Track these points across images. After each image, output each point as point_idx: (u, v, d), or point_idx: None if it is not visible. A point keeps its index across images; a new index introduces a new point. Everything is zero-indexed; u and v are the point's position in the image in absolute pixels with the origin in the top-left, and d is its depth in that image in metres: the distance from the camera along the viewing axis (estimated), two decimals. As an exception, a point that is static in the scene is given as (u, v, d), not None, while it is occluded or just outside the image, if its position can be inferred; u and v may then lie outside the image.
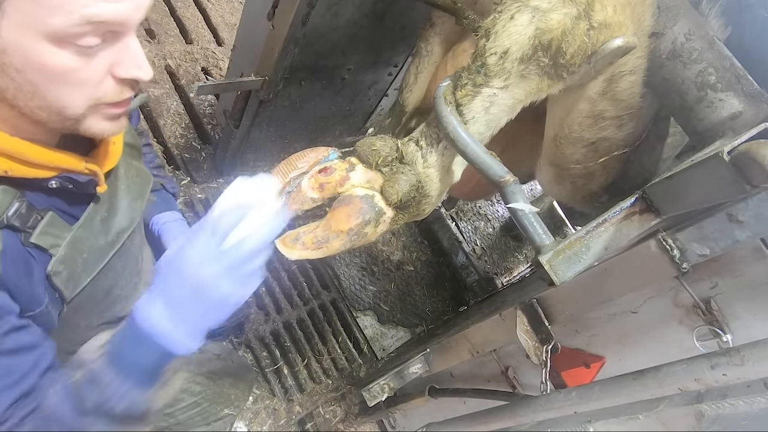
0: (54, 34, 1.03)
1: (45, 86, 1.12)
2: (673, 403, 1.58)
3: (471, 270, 5.00)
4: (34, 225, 1.30)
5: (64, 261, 1.40)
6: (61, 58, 1.08)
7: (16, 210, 1.25)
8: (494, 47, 1.48)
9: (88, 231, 1.49)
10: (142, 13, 1.16)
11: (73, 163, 1.33)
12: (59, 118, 1.20)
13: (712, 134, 1.62)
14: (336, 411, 3.70)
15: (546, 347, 1.96)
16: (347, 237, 1.54)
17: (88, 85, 1.15)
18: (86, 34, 1.07)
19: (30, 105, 1.15)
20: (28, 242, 1.30)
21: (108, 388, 1.23)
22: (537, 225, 1.45)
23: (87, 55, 1.11)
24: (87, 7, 1.02)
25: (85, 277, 1.50)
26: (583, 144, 1.91)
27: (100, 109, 1.22)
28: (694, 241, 1.51)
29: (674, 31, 1.63)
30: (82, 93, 1.16)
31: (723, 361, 1.44)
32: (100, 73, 1.16)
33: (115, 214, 1.61)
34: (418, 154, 1.60)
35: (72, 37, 1.05)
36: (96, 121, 1.25)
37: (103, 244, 1.56)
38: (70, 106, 1.17)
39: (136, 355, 1.27)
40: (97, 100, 1.19)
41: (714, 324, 1.71)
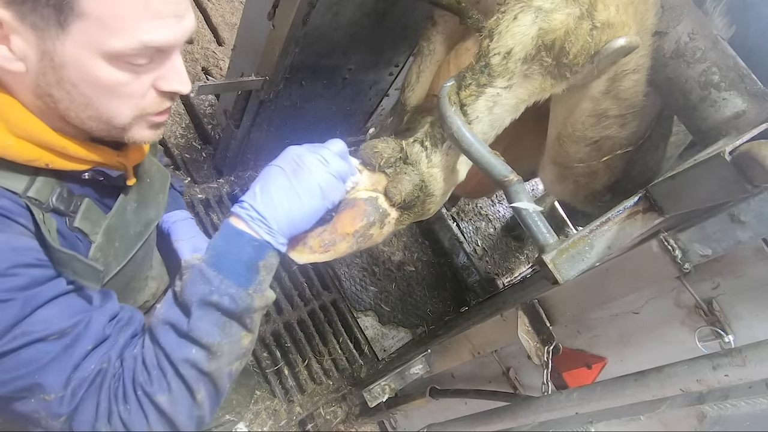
0: (112, 54, 1.14)
1: (97, 99, 1.22)
2: (674, 404, 1.58)
3: (472, 270, 4.99)
4: (75, 210, 1.39)
5: (101, 248, 1.47)
6: (115, 75, 1.18)
7: (59, 194, 1.33)
8: (498, 47, 1.49)
9: (121, 220, 1.56)
10: (188, 35, 1.26)
11: (106, 157, 1.42)
12: (107, 127, 1.30)
13: (715, 133, 1.61)
14: (337, 412, 3.69)
15: (547, 348, 1.96)
16: (353, 239, 1.54)
17: (135, 97, 1.26)
18: (139, 55, 1.17)
19: (81, 116, 1.25)
20: (72, 226, 1.38)
21: (211, 282, 1.29)
22: (541, 224, 1.45)
23: (137, 71, 1.21)
24: (146, 34, 1.13)
25: (115, 266, 1.56)
26: (586, 143, 1.90)
27: (146, 119, 1.33)
28: (695, 241, 1.50)
29: (678, 31, 1.63)
30: (129, 105, 1.26)
31: (725, 362, 1.44)
32: (145, 86, 1.26)
33: (145, 206, 1.69)
34: (423, 155, 1.60)
35: (127, 57, 1.16)
36: (140, 130, 1.35)
37: (132, 234, 1.64)
38: (118, 116, 1.27)
39: (229, 250, 1.34)
40: (141, 110, 1.29)
41: (716, 325, 1.70)
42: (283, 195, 1.36)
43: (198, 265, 1.31)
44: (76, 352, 1.24)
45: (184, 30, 1.23)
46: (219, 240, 1.36)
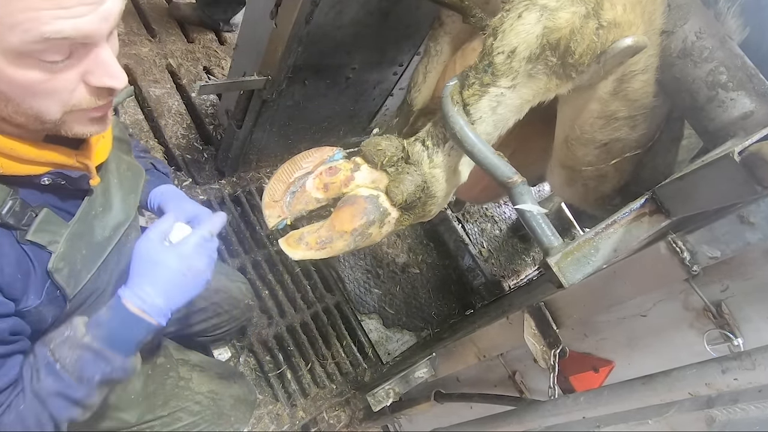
0: (13, 51, 1.03)
1: (16, 96, 1.12)
2: (683, 408, 1.56)
3: (477, 273, 4.97)
4: (29, 222, 1.33)
5: (64, 258, 1.43)
6: (26, 73, 1.08)
7: (9, 207, 1.27)
8: (502, 46, 1.48)
9: (85, 226, 1.52)
10: (111, 23, 1.14)
11: (63, 157, 1.36)
12: (38, 123, 1.21)
13: (723, 134, 1.60)
14: (340, 416, 3.68)
15: (554, 351, 1.95)
16: (351, 237, 1.53)
17: (60, 94, 1.16)
18: (48, 51, 1.06)
19: (7, 110, 1.16)
20: (23, 240, 1.33)
21: (111, 362, 1.44)
22: (545, 226, 1.44)
23: (52, 68, 1.10)
24: (45, 24, 1.00)
25: (85, 274, 1.53)
26: (595, 145, 1.89)
27: (79, 114, 1.24)
28: (704, 243, 1.48)
29: (685, 30, 1.62)
30: (54, 101, 1.17)
31: (734, 366, 1.42)
32: (71, 82, 1.16)
33: (110, 209, 1.63)
34: (424, 154, 1.59)
35: (33, 53, 1.05)
36: (78, 125, 1.28)
37: (100, 240, 1.59)
38: (44, 112, 1.18)
39: (128, 335, 1.48)
40: (72, 107, 1.20)
41: (725, 327, 1.68)
42: (182, 291, 1.53)
43: (93, 346, 1.42)
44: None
45: (103, 17, 1.10)
46: (114, 322, 1.46)
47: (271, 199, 1.63)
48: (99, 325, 1.45)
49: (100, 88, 1.20)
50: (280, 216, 1.61)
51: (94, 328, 1.44)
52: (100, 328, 1.44)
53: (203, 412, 2.17)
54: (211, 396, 2.20)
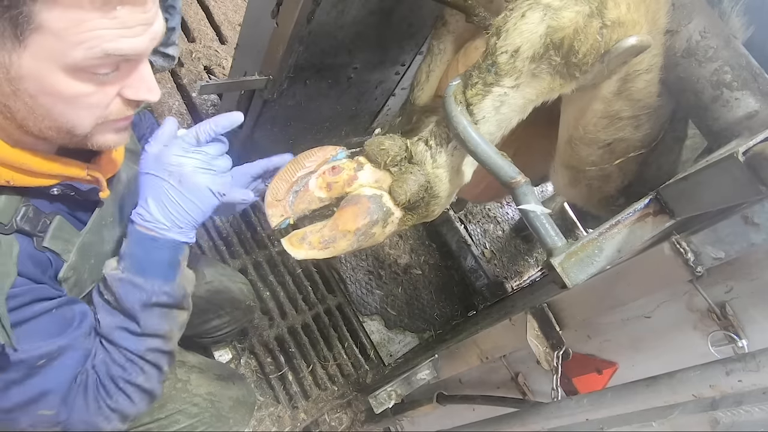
0: (73, 66, 1.11)
1: (57, 110, 1.19)
2: (687, 410, 1.55)
3: (480, 274, 4.96)
4: (44, 229, 1.37)
5: (74, 267, 1.47)
6: (78, 87, 1.15)
7: (23, 214, 1.31)
8: (505, 45, 1.47)
9: (96, 236, 1.55)
10: (156, 42, 1.24)
11: (74, 171, 1.39)
12: (68, 136, 1.27)
13: (727, 134, 1.59)
14: (342, 418, 3.67)
15: (557, 353, 1.94)
16: (354, 237, 1.53)
17: (98, 107, 1.24)
18: (103, 65, 1.15)
19: (40, 126, 1.22)
20: (41, 247, 1.36)
21: (144, 289, 1.47)
22: (549, 227, 1.43)
23: (101, 81, 1.18)
24: (109, 42, 1.10)
25: (89, 283, 1.56)
26: (598, 145, 1.88)
27: (108, 125, 1.31)
28: (708, 244, 1.48)
29: (689, 29, 1.61)
30: (91, 114, 1.24)
31: (738, 367, 1.41)
32: (109, 96, 1.24)
33: (121, 220, 1.67)
34: (428, 154, 1.59)
35: (90, 68, 1.13)
36: (103, 136, 1.33)
37: (109, 251, 1.62)
38: (79, 125, 1.24)
39: (150, 257, 1.50)
40: (104, 119, 1.27)
41: (729, 329, 1.68)
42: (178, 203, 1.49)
43: (125, 277, 1.46)
44: (67, 373, 1.39)
45: (152, 37, 1.21)
46: (135, 248, 1.49)
47: (274, 198, 1.62)
48: (122, 257, 1.50)
49: (138, 103, 1.30)
50: (282, 215, 1.61)
51: (121, 261, 1.50)
52: (124, 259, 1.49)
53: (201, 414, 2.15)
54: (209, 398, 2.18)
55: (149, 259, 1.49)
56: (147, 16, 1.17)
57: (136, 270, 1.47)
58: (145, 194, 1.48)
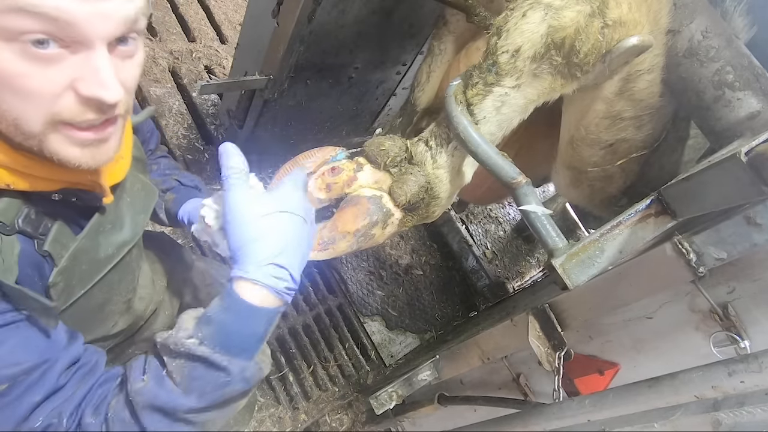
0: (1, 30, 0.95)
1: (2, 95, 1.03)
2: (689, 411, 1.55)
3: (481, 274, 4.96)
4: (45, 232, 1.30)
5: (63, 272, 1.37)
6: (13, 62, 0.99)
7: (25, 216, 1.24)
8: (506, 45, 1.47)
9: (91, 242, 1.47)
10: (113, 25, 1.05)
11: (77, 176, 1.30)
12: (18, 132, 1.10)
13: (729, 134, 1.59)
14: (343, 419, 3.67)
15: (559, 354, 1.94)
16: (354, 238, 1.53)
17: (42, 96, 1.05)
18: (29, 30, 0.96)
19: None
20: (41, 250, 1.29)
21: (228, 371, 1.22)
22: (550, 227, 1.43)
23: (40, 61, 1.01)
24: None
25: (78, 290, 1.48)
26: (600, 146, 1.88)
27: (62, 129, 1.11)
28: (710, 244, 1.48)
29: (691, 29, 1.61)
30: (35, 105, 1.06)
31: (740, 368, 1.41)
32: (57, 85, 1.05)
33: (119, 228, 1.59)
34: (428, 155, 1.58)
35: (15, 33, 0.96)
36: (61, 145, 1.13)
37: (102, 257, 1.54)
38: (23, 118, 1.07)
39: (248, 328, 1.26)
40: (53, 116, 1.08)
41: (731, 330, 1.68)
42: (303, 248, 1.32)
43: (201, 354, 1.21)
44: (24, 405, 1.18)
45: (99, 12, 1.01)
46: (227, 316, 1.24)
47: (273, 199, 1.62)
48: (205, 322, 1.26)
49: (89, 98, 1.07)
50: None
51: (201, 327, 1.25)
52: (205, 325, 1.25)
53: None
54: None
55: (240, 331, 1.26)
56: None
57: (220, 345, 1.23)
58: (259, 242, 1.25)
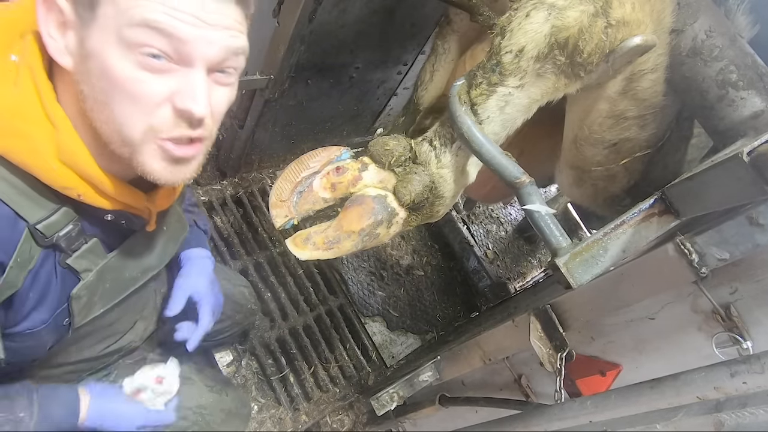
0: (121, 37, 1.09)
1: (111, 96, 1.16)
2: (691, 412, 1.54)
3: (483, 275, 4.94)
4: (76, 248, 1.38)
5: (88, 287, 1.46)
6: (127, 66, 1.12)
7: (67, 232, 1.32)
8: (509, 45, 1.47)
9: (120, 263, 1.55)
10: (217, 53, 1.20)
11: (137, 200, 1.39)
12: (119, 138, 1.22)
13: (733, 134, 1.60)
14: (344, 420, 3.65)
15: (560, 354, 1.93)
16: (359, 237, 1.53)
17: (147, 103, 1.17)
18: (149, 44, 1.11)
19: (100, 118, 1.20)
20: (63, 263, 1.37)
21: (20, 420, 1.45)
22: (553, 227, 1.43)
23: (151, 71, 1.14)
24: (150, 12, 1.08)
25: (99, 307, 1.56)
26: (604, 145, 1.88)
27: (157, 141, 1.23)
28: (713, 244, 1.48)
29: (694, 28, 1.61)
30: (139, 111, 1.18)
31: (743, 369, 1.41)
32: (160, 95, 1.18)
33: (149, 253, 1.67)
34: (432, 155, 1.59)
35: (136, 45, 1.10)
36: (151, 157, 1.25)
37: (127, 278, 1.62)
38: (127, 123, 1.19)
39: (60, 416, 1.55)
40: (152, 126, 1.20)
41: (734, 330, 1.67)
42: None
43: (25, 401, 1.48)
44: None
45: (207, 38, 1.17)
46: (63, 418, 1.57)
47: (278, 198, 1.62)
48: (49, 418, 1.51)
49: (182, 111, 1.20)
50: (287, 216, 1.61)
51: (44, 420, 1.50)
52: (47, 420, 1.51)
53: (191, 428, 2.09)
54: (199, 411, 2.12)
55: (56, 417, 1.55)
56: (208, 15, 1.15)
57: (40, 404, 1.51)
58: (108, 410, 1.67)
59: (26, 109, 1.17)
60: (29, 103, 1.18)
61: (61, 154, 1.20)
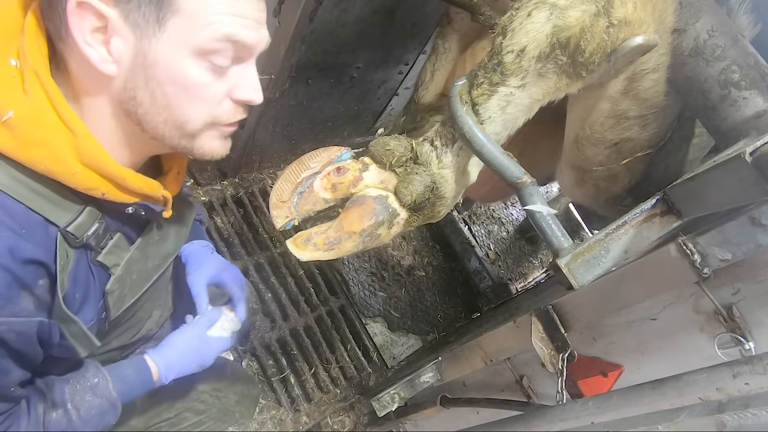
0: (199, 49, 1.18)
1: (177, 99, 1.24)
2: (693, 413, 1.54)
3: (484, 275, 4.94)
4: (105, 245, 1.42)
5: (119, 281, 1.50)
6: (199, 74, 1.22)
7: (95, 230, 1.36)
8: (511, 45, 1.47)
9: (142, 253, 1.58)
10: (264, 46, 1.32)
11: (155, 189, 1.43)
12: (178, 134, 1.32)
13: (735, 134, 1.59)
14: (344, 421, 3.65)
15: (562, 355, 1.93)
16: (360, 238, 1.53)
17: (212, 101, 1.30)
18: (222, 53, 1.22)
19: (157, 119, 1.27)
20: (95, 260, 1.41)
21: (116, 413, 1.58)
22: (555, 227, 1.43)
23: (217, 73, 1.25)
24: (231, 27, 1.18)
25: (129, 298, 1.60)
26: (605, 145, 1.88)
27: (214, 127, 1.36)
28: (715, 245, 1.48)
29: (697, 28, 1.61)
30: (204, 108, 1.29)
31: (745, 370, 1.41)
32: (222, 92, 1.30)
33: (165, 240, 1.70)
34: (433, 155, 1.58)
35: (211, 53, 1.20)
36: (209, 140, 1.38)
37: (150, 267, 1.65)
38: (192, 120, 1.29)
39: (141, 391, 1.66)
40: (214, 118, 1.33)
41: (736, 331, 1.67)
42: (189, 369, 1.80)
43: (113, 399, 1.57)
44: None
45: (262, 37, 1.28)
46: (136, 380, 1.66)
47: (279, 199, 1.62)
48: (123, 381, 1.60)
49: (241, 101, 1.35)
50: (287, 217, 1.61)
51: (119, 382, 1.58)
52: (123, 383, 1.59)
53: (208, 410, 2.19)
54: (215, 393, 2.22)
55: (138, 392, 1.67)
56: (260, 14, 1.27)
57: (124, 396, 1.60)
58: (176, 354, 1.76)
59: (42, 116, 1.18)
60: (44, 110, 1.18)
61: (82, 157, 1.21)
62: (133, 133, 1.32)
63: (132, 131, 1.32)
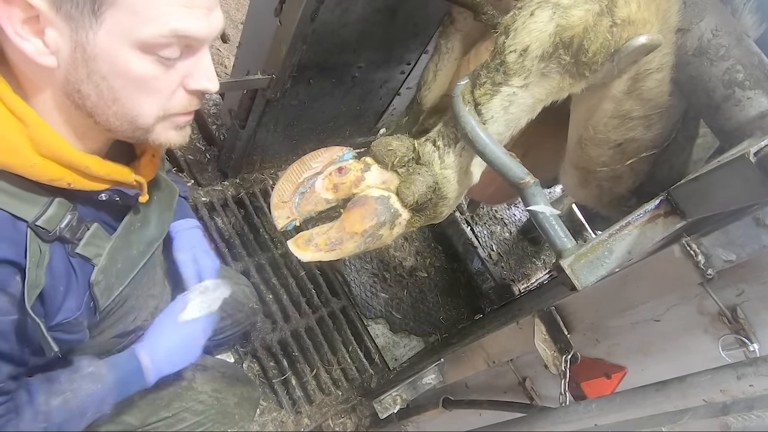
0: (143, 43, 1.12)
1: (125, 93, 1.20)
2: (697, 415, 1.53)
3: (487, 276, 4.93)
4: (81, 236, 1.40)
5: (103, 271, 1.50)
6: (145, 67, 1.17)
7: (68, 222, 1.35)
8: (514, 44, 1.47)
9: (124, 241, 1.58)
10: (216, 32, 1.25)
11: (125, 175, 1.41)
12: (131, 127, 1.28)
13: (739, 134, 1.59)
14: (346, 423, 3.64)
15: (565, 357, 1.93)
16: (361, 239, 1.53)
17: (163, 94, 1.25)
18: (170, 46, 1.16)
19: (107, 113, 1.23)
20: (73, 253, 1.40)
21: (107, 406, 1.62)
22: (558, 228, 1.42)
23: (166, 65, 1.20)
24: (178, 21, 1.12)
25: (117, 287, 1.60)
26: (609, 146, 1.88)
27: (168, 118, 1.32)
28: (719, 246, 1.47)
29: (700, 27, 1.60)
30: (155, 101, 1.25)
31: (750, 372, 1.39)
32: (174, 83, 1.25)
33: (147, 225, 1.70)
34: (435, 155, 1.58)
35: (157, 47, 1.15)
36: (164, 131, 1.34)
37: (135, 254, 1.65)
38: (143, 114, 1.26)
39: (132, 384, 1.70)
40: (167, 110, 1.29)
41: (740, 333, 1.66)
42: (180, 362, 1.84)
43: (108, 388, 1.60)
44: None
45: (213, 24, 1.22)
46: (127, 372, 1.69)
47: (280, 199, 1.62)
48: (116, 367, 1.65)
49: (196, 91, 1.30)
50: (289, 217, 1.61)
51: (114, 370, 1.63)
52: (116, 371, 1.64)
53: (207, 412, 2.17)
54: (214, 395, 2.21)
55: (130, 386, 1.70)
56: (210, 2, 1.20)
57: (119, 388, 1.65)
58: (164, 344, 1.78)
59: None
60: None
61: (38, 148, 1.19)
62: (87, 124, 1.29)
63: (86, 122, 1.28)
